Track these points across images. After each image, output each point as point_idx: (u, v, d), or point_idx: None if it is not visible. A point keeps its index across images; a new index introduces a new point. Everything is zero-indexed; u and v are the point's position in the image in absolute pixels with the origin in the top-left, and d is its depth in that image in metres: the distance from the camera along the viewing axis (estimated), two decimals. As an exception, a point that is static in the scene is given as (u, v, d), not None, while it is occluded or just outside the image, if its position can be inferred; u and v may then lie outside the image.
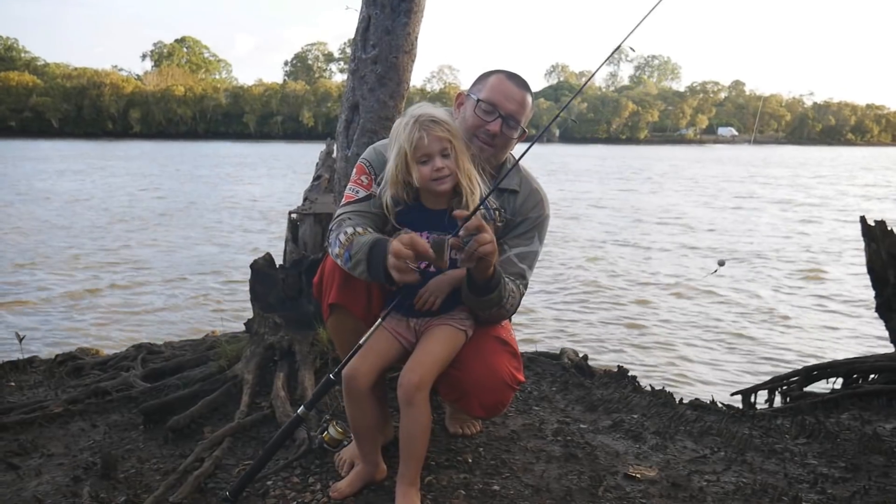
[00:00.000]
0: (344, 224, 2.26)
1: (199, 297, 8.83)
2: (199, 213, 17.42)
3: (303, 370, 3.22)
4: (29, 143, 61.42)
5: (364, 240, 2.14)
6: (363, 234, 2.19)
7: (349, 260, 2.17)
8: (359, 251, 2.13)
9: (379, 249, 2.07)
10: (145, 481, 2.51)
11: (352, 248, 2.16)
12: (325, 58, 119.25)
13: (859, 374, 4.11)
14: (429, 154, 2.14)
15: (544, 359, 4.10)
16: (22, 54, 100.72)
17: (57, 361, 4.33)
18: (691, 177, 33.91)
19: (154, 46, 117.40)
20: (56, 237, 13.13)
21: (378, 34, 3.40)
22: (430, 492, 2.33)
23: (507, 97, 2.38)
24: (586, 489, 2.42)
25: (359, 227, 2.23)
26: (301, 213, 3.90)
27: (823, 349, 6.92)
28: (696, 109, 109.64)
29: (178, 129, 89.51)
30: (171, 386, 3.37)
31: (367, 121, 3.47)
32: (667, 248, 13.03)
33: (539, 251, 2.53)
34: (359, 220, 2.28)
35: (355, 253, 2.14)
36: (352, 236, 2.18)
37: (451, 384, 2.37)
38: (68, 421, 3.15)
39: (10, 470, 2.65)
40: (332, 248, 2.27)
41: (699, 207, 20.44)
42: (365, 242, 2.12)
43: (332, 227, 2.31)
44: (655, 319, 8.03)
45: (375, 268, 2.08)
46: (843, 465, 2.79)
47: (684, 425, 3.17)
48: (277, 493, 2.35)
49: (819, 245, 13.60)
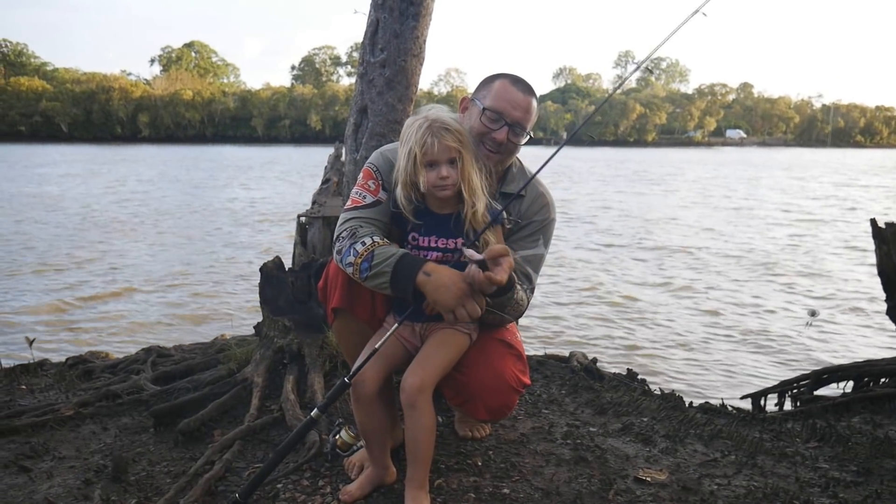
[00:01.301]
0: (359, 233, 2.23)
1: (208, 301, 8.86)
2: (207, 215, 17.48)
3: (312, 373, 3.22)
4: (38, 147, 61.76)
5: (388, 251, 2.14)
6: (383, 244, 2.18)
7: (368, 270, 2.15)
8: (382, 263, 2.12)
9: (407, 265, 2.10)
10: (156, 484, 2.52)
11: (372, 258, 2.14)
12: (333, 61, 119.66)
13: (870, 377, 4.08)
14: (436, 160, 2.14)
15: (553, 362, 4.10)
16: (31, 60, 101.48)
17: (67, 365, 4.35)
18: (697, 178, 33.83)
19: (162, 51, 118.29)
20: (60, 241, 13.19)
21: (386, 38, 3.42)
22: (440, 495, 2.33)
23: (513, 104, 2.35)
24: (596, 493, 2.41)
25: (376, 236, 2.21)
26: (310, 217, 3.91)
27: (834, 352, 6.88)
28: (704, 112, 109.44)
29: (187, 132, 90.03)
30: (181, 389, 3.38)
31: (375, 124, 3.49)
32: (676, 251, 12.99)
33: (545, 254, 2.53)
34: (373, 230, 2.25)
35: (377, 263, 2.13)
36: (371, 246, 2.17)
37: (456, 388, 2.37)
38: (79, 424, 3.16)
39: (21, 472, 2.67)
40: (345, 257, 2.22)
41: (707, 209, 20.38)
42: (392, 255, 2.12)
43: (341, 234, 2.27)
44: (665, 322, 8.00)
45: (402, 283, 2.09)
46: (855, 469, 2.77)
47: (694, 429, 3.16)
48: (287, 495, 2.35)
49: (826, 247, 13.54)
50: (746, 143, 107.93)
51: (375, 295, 2.33)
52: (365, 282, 2.19)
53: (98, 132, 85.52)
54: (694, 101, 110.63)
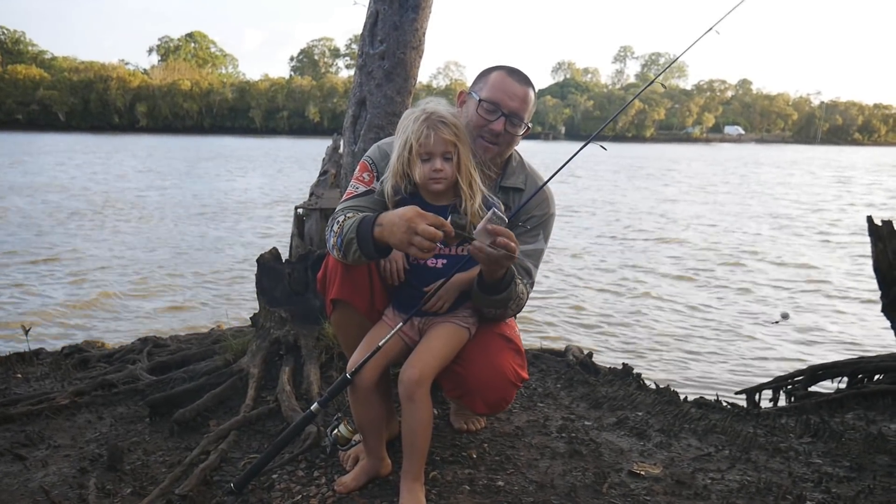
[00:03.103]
0: (339, 217, 2.25)
1: (205, 291, 8.85)
2: (205, 206, 17.44)
3: (308, 365, 3.23)
4: (35, 136, 61.55)
5: (352, 220, 2.14)
6: (353, 217, 2.18)
7: (342, 245, 2.15)
8: (347, 231, 2.12)
9: (364, 224, 2.08)
10: (151, 473, 2.53)
11: (343, 232, 2.15)
12: (332, 53, 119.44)
13: (864, 374, 4.10)
14: (431, 153, 2.14)
15: (549, 356, 4.11)
16: (29, 48, 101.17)
17: (63, 353, 4.36)
18: (699, 173, 33.85)
19: (161, 41, 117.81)
20: (57, 230, 13.17)
21: (386, 30, 3.41)
22: (435, 487, 2.33)
23: (509, 95, 2.35)
24: (590, 486, 2.42)
25: (348, 213, 2.22)
26: (307, 208, 3.91)
27: (827, 349, 6.90)
28: (702, 108, 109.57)
29: (184, 123, 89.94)
30: (176, 379, 3.39)
31: (374, 116, 3.48)
32: (671, 245, 13.00)
33: (544, 249, 2.53)
34: (351, 211, 2.26)
35: (345, 235, 2.13)
36: (342, 223, 2.18)
37: (454, 381, 2.38)
38: (75, 413, 3.17)
39: (17, 461, 2.67)
40: (329, 242, 2.25)
41: (700, 205, 20.39)
42: (353, 222, 2.13)
43: (330, 224, 2.29)
44: (660, 317, 8.02)
45: (366, 243, 2.07)
46: (848, 465, 2.78)
47: (689, 423, 3.17)
48: (283, 486, 2.36)
49: (821, 243, 13.57)
50: (744, 139, 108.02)
51: (374, 287, 2.33)
52: (346, 259, 2.18)
53: (95, 121, 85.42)
54: (693, 97, 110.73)
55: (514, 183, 2.51)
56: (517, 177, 2.52)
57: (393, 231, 1.99)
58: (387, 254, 2.15)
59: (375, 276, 2.34)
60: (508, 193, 2.50)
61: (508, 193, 2.50)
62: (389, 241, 2.03)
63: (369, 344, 2.23)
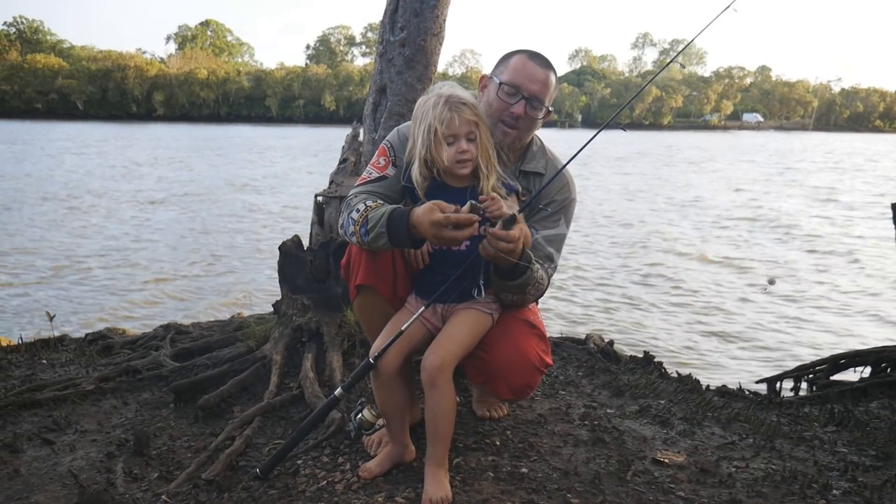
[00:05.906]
0: (353, 202, 2.28)
1: (226, 278, 8.91)
2: (224, 194, 17.53)
3: (331, 352, 3.24)
4: (54, 125, 62.07)
5: (379, 212, 2.17)
6: (375, 206, 2.21)
7: (367, 234, 2.19)
8: (376, 224, 2.16)
9: (397, 217, 2.12)
10: (177, 458, 2.55)
11: (367, 223, 2.18)
12: (348, 41, 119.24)
13: (888, 363, 4.06)
14: (456, 135, 2.14)
15: (570, 343, 4.10)
16: (48, 37, 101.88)
17: (87, 340, 4.40)
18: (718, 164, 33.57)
19: (178, 29, 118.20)
20: (74, 222, 13.30)
21: (406, 16, 3.39)
22: (459, 473, 2.34)
23: (530, 78, 2.34)
24: (614, 473, 2.42)
25: (368, 201, 2.25)
26: (327, 196, 3.91)
27: (850, 338, 6.84)
28: (721, 95, 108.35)
29: (201, 111, 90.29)
30: (200, 366, 3.41)
31: (394, 104, 3.47)
32: (688, 233, 12.93)
33: (566, 234, 2.51)
34: (366, 197, 2.29)
35: (372, 227, 2.16)
36: (364, 212, 2.21)
37: (478, 367, 2.38)
38: (100, 398, 3.20)
39: (45, 445, 2.71)
40: (346, 229, 2.29)
41: (727, 192, 20.24)
42: (382, 215, 2.15)
43: (342, 209, 2.33)
44: (681, 306, 7.98)
45: (398, 237, 2.12)
46: (874, 454, 2.76)
47: (712, 411, 3.15)
48: (308, 472, 2.37)
49: (843, 232, 13.43)
50: (763, 126, 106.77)
51: (397, 273, 2.34)
52: (370, 246, 2.22)
53: (113, 110, 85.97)
54: (711, 84, 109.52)
55: (534, 167, 2.50)
56: (538, 161, 2.51)
57: (422, 228, 2.07)
58: (421, 244, 2.22)
59: (399, 263, 2.35)
60: (529, 178, 2.49)
61: (529, 178, 2.49)
62: (424, 235, 2.10)
63: (392, 330, 2.24)
